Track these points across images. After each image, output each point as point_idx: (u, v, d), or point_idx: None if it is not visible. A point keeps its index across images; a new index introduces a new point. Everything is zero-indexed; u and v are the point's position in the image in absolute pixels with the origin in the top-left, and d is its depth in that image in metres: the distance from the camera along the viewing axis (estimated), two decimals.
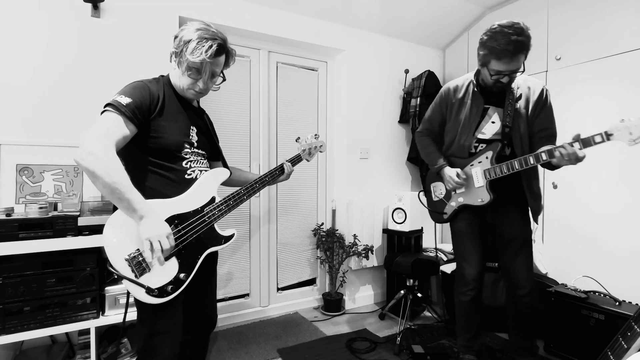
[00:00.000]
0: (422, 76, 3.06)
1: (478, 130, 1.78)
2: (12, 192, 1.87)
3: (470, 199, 1.81)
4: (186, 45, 1.19)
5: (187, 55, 1.19)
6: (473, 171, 1.78)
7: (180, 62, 1.23)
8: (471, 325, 1.90)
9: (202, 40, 1.19)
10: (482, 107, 1.76)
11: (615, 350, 1.55)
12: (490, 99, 1.75)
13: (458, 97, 1.82)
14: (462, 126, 1.80)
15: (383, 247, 3.00)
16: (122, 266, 1.09)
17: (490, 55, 1.58)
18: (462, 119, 1.79)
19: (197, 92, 1.27)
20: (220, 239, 1.31)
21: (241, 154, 2.66)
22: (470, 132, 1.78)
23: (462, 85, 1.82)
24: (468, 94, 1.79)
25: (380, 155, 3.10)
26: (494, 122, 1.76)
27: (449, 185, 1.84)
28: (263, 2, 2.52)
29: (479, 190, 1.77)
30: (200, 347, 1.45)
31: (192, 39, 1.19)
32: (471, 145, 1.79)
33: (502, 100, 1.74)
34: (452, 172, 1.81)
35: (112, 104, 1.10)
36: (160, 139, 1.18)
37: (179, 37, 1.22)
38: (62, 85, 1.99)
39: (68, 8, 1.99)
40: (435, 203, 1.97)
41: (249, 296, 2.74)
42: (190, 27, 1.22)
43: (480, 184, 1.77)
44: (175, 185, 1.22)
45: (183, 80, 1.25)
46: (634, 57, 2.11)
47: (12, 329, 1.60)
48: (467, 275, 1.85)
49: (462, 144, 1.80)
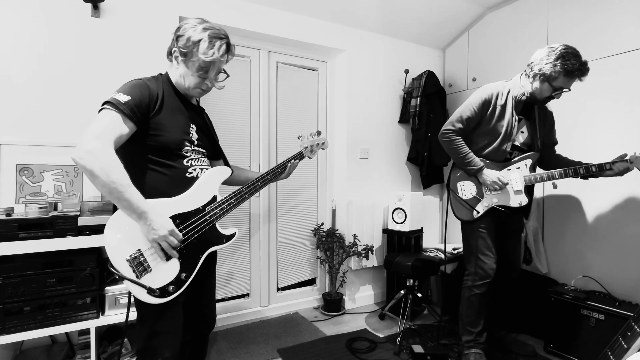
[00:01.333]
0: (422, 76, 3.06)
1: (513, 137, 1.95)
2: (12, 192, 1.87)
3: (507, 200, 1.95)
4: (196, 45, 1.19)
5: (200, 55, 1.19)
6: (512, 175, 1.95)
7: (188, 62, 1.22)
8: (480, 319, 1.97)
9: (213, 40, 1.20)
10: (517, 117, 1.93)
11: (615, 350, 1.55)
12: (523, 111, 1.96)
13: (500, 104, 1.93)
14: (505, 133, 1.92)
15: (383, 247, 3.00)
16: (124, 266, 1.09)
17: (561, 73, 1.74)
18: (505, 126, 1.92)
19: (204, 90, 1.28)
20: (221, 238, 1.31)
21: (241, 153, 2.66)
22: (510, 140, 1.93)
23: (502, 93, 1.94)
24: (508, 103, 1.92)
25: (380, 155, 3.10)
26: (523, 132, 1.97)
27: (493, 187, 1.95)
28: (263, 2, 2.52)
29: (517, 194, 1.94)
30: (200, 347, 1.45)
31: (202, 38, 1.19)
32: (507, 151, 1.95)
33: (528, 112, 1.96)
34: (495, 174, 1.93)
35: (110, 101, 1.09)
36: (160, 137, 1.18)
37: (185, 36, 1.20)
38: (62, 85, 1.99)
39: (68, 8, 1.99)
40: (466, 201, 2.04)
41: (249, 296, 2.74)
42: (195, 26, 1.21)
43: (519, 188, 1.94)
44: (176, 183, 1.21)
45: (190, 79, 1.24)
46: (634, 57, 2.11)
47: (12, 329, 1.60)
48: (488, 268, 1.93)
49: (503, 149, 1.95)
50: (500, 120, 1.93)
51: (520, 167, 1.94)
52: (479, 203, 1.99)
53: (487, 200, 1.97)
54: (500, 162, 1.97)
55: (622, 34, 2.15)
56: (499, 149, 1.94)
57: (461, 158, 1.98)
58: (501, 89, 1.94)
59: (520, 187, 1.93)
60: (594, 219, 2.29)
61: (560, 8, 2.45)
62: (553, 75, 1.76)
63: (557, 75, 1.75)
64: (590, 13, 2.30)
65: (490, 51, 2.93)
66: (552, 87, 1.80)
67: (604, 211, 2.25)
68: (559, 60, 1.73)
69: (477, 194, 2.00)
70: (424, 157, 3.07)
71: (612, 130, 2.19)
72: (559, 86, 1.79)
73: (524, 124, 1.97)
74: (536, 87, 1.83)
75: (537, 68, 1.79)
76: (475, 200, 2.00)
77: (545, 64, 1.76)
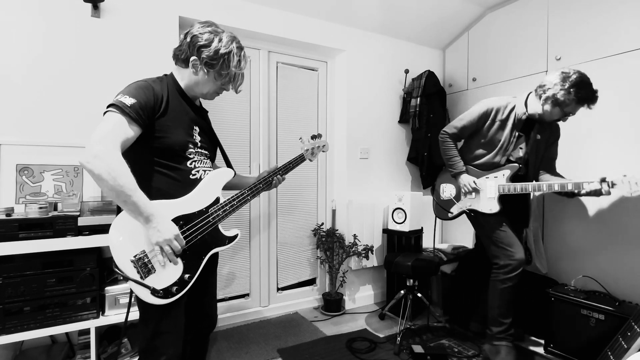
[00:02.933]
0: (422, 76, 3.06)
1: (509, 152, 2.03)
2: (12, 192, 1.87)
3: (479, 206, 2.08)
4: (226, 57, 1.22)
5: (232, 69, 1.23)
6: (488, 183, 2.04)
7: (214, 72, 1.23)
8: (511, 310, 2.02)
9: (239, 51, 1.26)
10: (516, 133, 2.02)
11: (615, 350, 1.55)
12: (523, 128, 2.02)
13: (499, 119, 2.03)
14: (500, 147, 2.04)
15: (383, 247, 3.00)
16: (128, 267, 1.09)
17: (574, 101, 1.81)
18: (501, 141, 2.03)
19: (219, 94, 1.33)
20: (224, 239, 1.31)
21: (241, 153, 2.66)
22: (505, 154, 2.03)
23: (504, 108, 2.03)
24: (509, 119, 2.01)
25: (380, 155, 3.10)
26: (522, 148, 2.04)
27: (465, 189, 2.11)
28: (263, 2, 2.51)
29: (489, 201, 2.04)
30: (201, 347, 1.45)
31: (232, 51, 1.23)
32: (501, 164, 2.04)
33: (529, 129, 2.02)
34: (470, 179, 2.08)
35: (115, 104, 1.09)
36: (165, 139, 1.18)
37: (211, 48, 1.20)
38: (62, 85, 1.98)
39: (68, 8, 1.99)
40: (443, 201, 2.20)
41: (249, 296, 2.74)
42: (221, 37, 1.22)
43: (491, 196, 2.03)
44: (180, 185, 1.21)
45: (210, 86, 1.27)
46: (634, 57, 2.11)
47: (12, 329, 1.60)
48: (519, 258, 1.97)
49: (495, 162, 2.05)
50: (497, 134, 2.03)
51: (497, 177, 2.03)
52: (454, 205, 2.15)
53: (462, 203, 2.15)
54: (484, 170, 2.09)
55: (623, 34, 2.15)
56: (492, 161, 2.06)
57: (447, 159, 2.20)
58: (503, 105, 2.03)
59: (492, 194, 2.02)
60: (594, 219, 2.29)
61: (561, 8, 2.45)
62: (566, 102, 1.82)
63: (570, 102, 1.82)
64: (590, 13, 2.30)
65: (490, 51, 2.93)
66: (563, 112, 1.87)
67: (604, 211, 2.25)
68: (573, 88, 1.79)
69: (454, 196, 2.18)
70: (424, 157, 3.07)
71: (612, 129, 2.19)
72: (569, 112, 1.87)
73: (523, 141, 2.04)
74: (547, 109, 1.89)
75: (550, 92, 1.84)
76: (451, 202, 2.16)
77: (560, 90, 1.81)
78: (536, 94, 1.92)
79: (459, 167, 2.14)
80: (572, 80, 1.80)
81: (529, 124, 2.01)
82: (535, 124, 2.01)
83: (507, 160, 2.04)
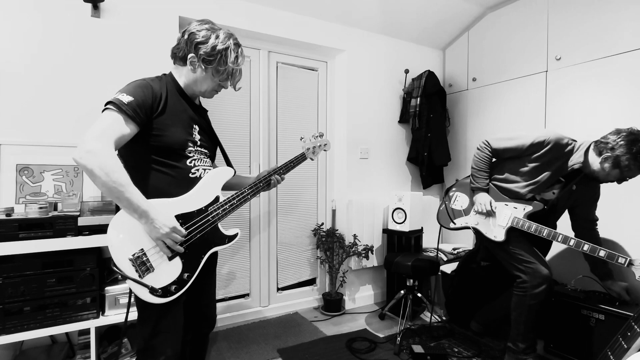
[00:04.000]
0: (422, 76, 3.06)
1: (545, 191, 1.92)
2: (12, 192, 1.87)
3: (486, 229, 1.99)
4: (223, 53, 1.23)
5: (229, 64, 1.24)
6: (504, 211, 1.93)
7: (212, 69, 1.24)
8: (537, 325, 1.92)
9: (237, 47, 1.26)
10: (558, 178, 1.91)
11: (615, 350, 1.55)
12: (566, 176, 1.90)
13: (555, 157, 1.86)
14: (535, 183, 1.90)
15: (383, 247, 3.00)
16: (126, 266, 1.09)
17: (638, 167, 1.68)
18: (539, 178, 1.90)
19: (218, 92, 1.33)
20: (223, 238, 1.31)
21: (241, 153, 2.66)
22: (541, 192, 1.92)
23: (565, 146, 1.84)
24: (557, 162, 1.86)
25: (380, 155, 3.10)
26: (554, 193, 1.93)
27: (478, 207, 2.00)
28: (263, 2, 2.52)
29: (498, 228, 1.94)
30: (200, 347, 1.45)
31: (229, 47, 1.24)
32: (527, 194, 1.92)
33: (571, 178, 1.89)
34: (487, 199, 1.97)
35: (113, 102, 1.09)
36: (164, 137, 1.18)
37: (208, 44, 1.21)
38: (62, 85, 1.98)
39: (68, 8, 1.99)
40: (451, 209, 2.08)
41: (249, 296, 2.74)
42: (218, 34, 1.23)
43: (502, 224, 1.93)
44: (180, 184, 1.21)
45: (209, 84, 1.28)
46: (634, 57, 2.11)
47: (12, 329, 1.60)
48: (546, 274, 1.85)
49: (521, 193, 1.93)
50: (541, 170, 1.89)
51: (517, 208, 1.92)
52: (461, 218, 2.04)
53: (470, 219, 2.04)
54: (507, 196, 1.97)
55: (623, 33, 2.15)
56: (519, 191, 1.93)
57: (475, 170, 2.04)
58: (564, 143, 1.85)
59: (503, 223, 1.93)
60: None
61: (561, 8, 2.45)
62: (630, 167, 1.68)
63: (634, 168, 1.68)
64: (590, 13, 2.30)
65: (491, 51, 2.93)
66: (622, 175, 1.73)
67: (603, 211, 2.24)
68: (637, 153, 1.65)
69: (464, 209, 2.07)
70: (424, 157, 3.07)
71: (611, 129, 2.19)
72: (628, 176, 1.73)
73: (559, 185, 1.93)
74: (605, 168, 1.73)
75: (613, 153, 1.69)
76: (459, 213, 2.05)
77: (625, 152, 1.67)
78: (596, 147, 1.76)
79: (482, 184, 2.01)
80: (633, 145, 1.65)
81: (575, 173, 1.87)
82: (581, 174, 1.84)
83: (533, 196, 1.92)
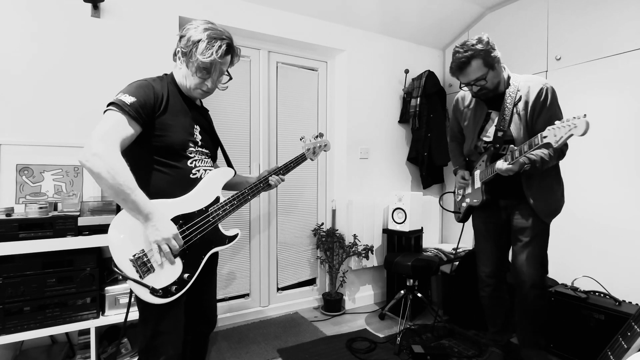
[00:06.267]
0: (422, 76, 3.06)
1: (483, 134, 1.84)
2: (12, 192, 1.87)
3: (471, 199, 1.93)
4: (195, 46, 1.18)
5: (198, 56, 1.18)
6: (475, 173, 1.90)
7: (189, 62, 1.22)
8: (494, 319, 1.97)
9: (212, 40, 1.19)
10: (485, 111, 1.84)
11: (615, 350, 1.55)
12: (492, 104, 1.82)
13: (465, 105, 1.95)
14: (468, 130, 1.91)
15: (383, 247, 3.00)
16: (127, 267, 1.08)
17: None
18: (469, 124, 1.91)
19: (205, 91, 1.28)
20: (224, 239, 1.31)
21: (241, 153, 2.66)
22: (474, 135, 1.86)
23: (468, 94, 1.92)
24: (472, 101, 1.91)
25: (380, 155, 3.10)
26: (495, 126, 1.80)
27: (457, 186, 2.03)
28: (263, 2, 2.51)
29: (476, 192, 1.88)
30: (200, 347, 1.45)
31: (201, 39, 1.18)
32: (478, 147, 1.86)
33: (499, 103, 1.80)
34: (460, 174, 1.98)
35: (115, 102, 1.09)
36: (165, 138, 1.18)
37: (186, 37, 1.21)
38: (62, 85, 1.98)
39: (68, 8, 1.99)
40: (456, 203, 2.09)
41: (249, 296, 2.74)
42: (197, 27, 1.21)
43: (477, 186, 1.87)
44: (181, 184, 1.21)
45: (191, 80, 1.24)
46: (634, 57, 2.11)
47: (12, 329, 1.60)
48: (481, 272, 1.94)
49: (470, 146, 1.90)
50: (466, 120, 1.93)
51: (480, 164, 1.85)
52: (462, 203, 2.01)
53: (464, 201, 1.99)
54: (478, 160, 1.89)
55: (623, 34, 2.15)
56: (469, 147, 1.89)
57: (452, 161, 2.16)
58: (467, 92, 1.90)
59: (477, 185, 1.86)
60: (593, 219, 2.29)
61: (561, 8, 2.45)
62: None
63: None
64: (590, 13, 2.30)
65: None
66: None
67: (604, 211, 2.25)
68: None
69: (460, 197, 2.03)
70: (424, 157, 3.07)
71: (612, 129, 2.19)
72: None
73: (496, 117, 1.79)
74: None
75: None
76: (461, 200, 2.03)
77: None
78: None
79: (456, 164, 2.05)
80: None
81: (500, 98, 1.78)
82: (504, 96, 1.77)
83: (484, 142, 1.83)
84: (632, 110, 2.12)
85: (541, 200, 1.72)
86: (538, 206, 1.72)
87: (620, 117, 2.17)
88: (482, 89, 1.75)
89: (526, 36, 2.67)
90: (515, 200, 1.78)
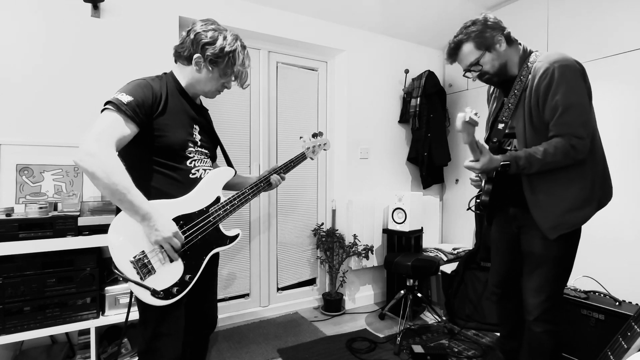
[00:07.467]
0: (422, 76, 3.06)
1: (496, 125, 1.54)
2: (12, 192, 1.87)
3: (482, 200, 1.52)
4: (231, 56, 1.23)
5: (238, 67, 1.25)
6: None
7: (219, 69, 1.24)
8: (503, 324, 1.79)
9: (243, 49, 1.27)
10: (501, 100, 1.57)
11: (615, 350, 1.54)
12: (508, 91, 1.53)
13: (490, 93, 1.73)
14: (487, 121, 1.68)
15: (383, 247, 3.00)
16: (127, 268, 1.08)
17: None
18: (488, 115, 1.68)
19: (221, 92, 1.33)
20: (225, 239, 1.31)
21: (241, 154, 2.66)
22: (487, 127, 1.65)
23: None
24: (494, 89, 1.69)
25: (380, 155, 3.10)
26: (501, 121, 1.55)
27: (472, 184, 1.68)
28: (263, 2, 2.51)
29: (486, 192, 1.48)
30: (201, 348, 1.45)
31: (236, 49, 1.24)
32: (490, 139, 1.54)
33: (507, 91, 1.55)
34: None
35: (112, 102, 1.08)
36: (164, 138, 1.17)
37: (216, 46, 1.20)
38: (62, 85, 1.98)
39: (68, 8, 1.98)
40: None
41: (249, 296, 2.74)
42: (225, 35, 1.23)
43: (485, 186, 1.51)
44: (180, 184, 1.20)
45: (213, 84, 1.27)
46: (634, 57, 2.11)
47: (12, 329, 1.60)
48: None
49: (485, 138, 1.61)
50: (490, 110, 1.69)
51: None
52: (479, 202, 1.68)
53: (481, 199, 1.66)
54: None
55: (623, 33, 2.15)
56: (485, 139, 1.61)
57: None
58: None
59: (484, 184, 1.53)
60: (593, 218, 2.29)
61: (561, 8, 2.45)
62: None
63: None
64: (590, 13, 2.30)
65: None
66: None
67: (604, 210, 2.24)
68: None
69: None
70: (424, 157, 3.07)
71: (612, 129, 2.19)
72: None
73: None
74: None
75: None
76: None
77: None
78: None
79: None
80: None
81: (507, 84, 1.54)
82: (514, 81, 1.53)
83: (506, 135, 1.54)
84: (633, 110, 2.12)
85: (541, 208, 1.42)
86: (537, 215, 1.42)
87: (620, 117, 2.17)
88: (482, 74, 1.52)
89: (526, 36, 2.66)
90: (523, 208, 1.47)
